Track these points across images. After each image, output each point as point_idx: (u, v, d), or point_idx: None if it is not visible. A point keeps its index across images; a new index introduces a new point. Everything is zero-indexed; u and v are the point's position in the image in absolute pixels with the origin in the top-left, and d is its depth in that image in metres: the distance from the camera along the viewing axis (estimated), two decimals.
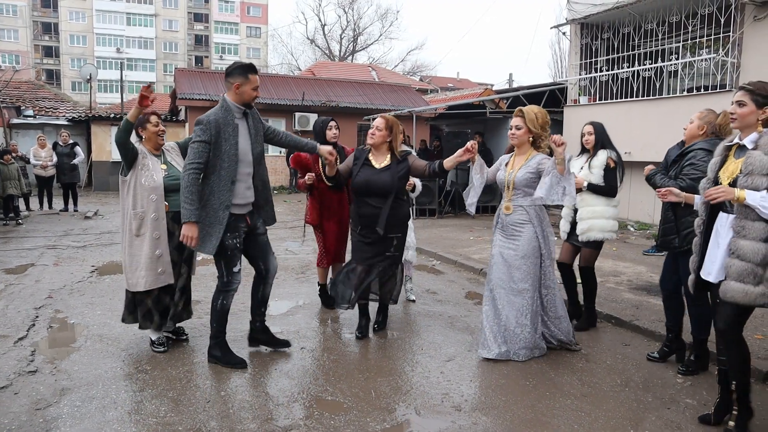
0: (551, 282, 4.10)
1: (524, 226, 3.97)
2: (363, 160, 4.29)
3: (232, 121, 3.63)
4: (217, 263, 3.77)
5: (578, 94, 12.46)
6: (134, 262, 3.90)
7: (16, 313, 4.92)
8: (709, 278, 2.96)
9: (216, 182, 3.59)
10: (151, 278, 3.90)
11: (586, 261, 4.63)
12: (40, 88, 24.44)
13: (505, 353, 3.96)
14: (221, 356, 3.82)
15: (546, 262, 4.04)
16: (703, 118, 3.75)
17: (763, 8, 9.04)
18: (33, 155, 12.00)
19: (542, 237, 4.00)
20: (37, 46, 56.81)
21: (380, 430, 3.02)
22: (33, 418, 3.06)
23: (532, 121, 3.96)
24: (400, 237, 4.34)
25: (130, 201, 3.89)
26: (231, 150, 3.61)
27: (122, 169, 3.93)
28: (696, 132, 3.78)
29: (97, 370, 3.71)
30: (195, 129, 3.59)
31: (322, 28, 47.75)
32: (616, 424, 3.11)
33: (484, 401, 3.38)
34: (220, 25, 63.48)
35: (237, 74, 3.61)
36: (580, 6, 11.70)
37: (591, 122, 4.62)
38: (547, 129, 4.04)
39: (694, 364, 3.83)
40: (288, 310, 5.17)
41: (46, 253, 7.66)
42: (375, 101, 19.81)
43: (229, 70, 3.66)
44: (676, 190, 3.39)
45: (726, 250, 2.84)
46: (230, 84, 3.63)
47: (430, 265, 7.32)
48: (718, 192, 2.73)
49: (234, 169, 3.63)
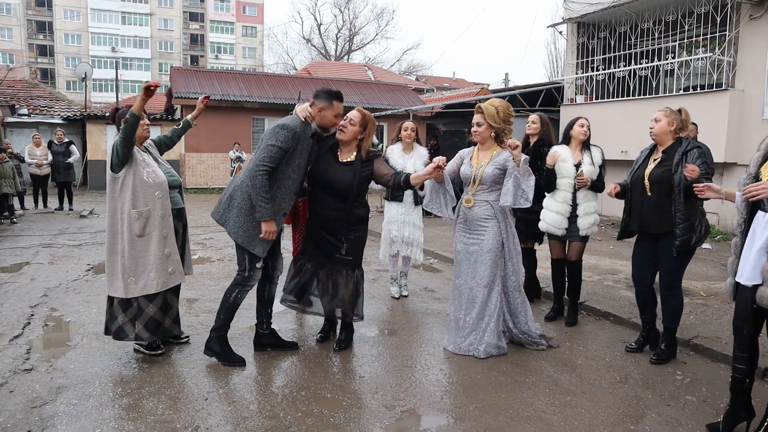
0: (517, 279, 4.09)
1: (489, 221, 3.97)
2: (329, 147, 3.92)
3: (308, 137, 3.72)
4: (241, 256, 3.74)
5: (575, 93, 12.48)
6: (140, 264, 3.62)
7: (12, 311, 4.88)
8: (740, 280, 2.79)
9: (279, 190, 3.67)
10: (162, 279, 3.67)
11: (578, 255, 4.68)
12: (35, 86, 24.29)
13: (466, 348, 3.98)
14: (220, 352, 3.77)
15: (510, 258, 4.04)
16: (670, 116, 3.85)
17: (759, 7, 9.07)
18: (28, 154, 11.92)
19: (506, 233, 4.00)
20: (31, 45, 56.53)
21: (379, 427, 3.01)
22: (29, 416, 3.03)
23: (492, 117, 3.93)
24: (353, 239, 3.89)
25: (128, 199, 3.59)
26: (302, 164, 3.73)
27: (112, 166, 3.62)
28: (667, 129, 3.86)
29: (93, 368, 3.68)
30: (279, 132, 3.58)
31: (318, 28, 47.74)
32: (616, 421, 3.11)
33: (483, 398, 3.36)
34: (216, 24, 63.30)
35: (323, 98, 3.75)
36: (576, 5, 11.71)
37: (583, 117, 4.72)
38: (510, 122, 4.02)
39: (665, 352, 3.98)
40: (284, 308, 5.13)
41: (42, 252, 7.61)
42: (371, 101, 19.78)
43: (317, 93, 3.80)
44: (716, 186, 3.13)
45: (759, 251, 2.68)
46: (315, 106, 3.73)
47: (428, 263, 7.31)
48: (759, 189, 2.58)
49: (300, 182, 3.78)
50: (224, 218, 3.73)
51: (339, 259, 3.90)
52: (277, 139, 3.57)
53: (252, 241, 3.65)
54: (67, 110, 20.16)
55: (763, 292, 2.64)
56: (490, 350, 3.95)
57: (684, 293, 3.97)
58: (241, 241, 3.66)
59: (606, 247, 8.13)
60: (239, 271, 3.79)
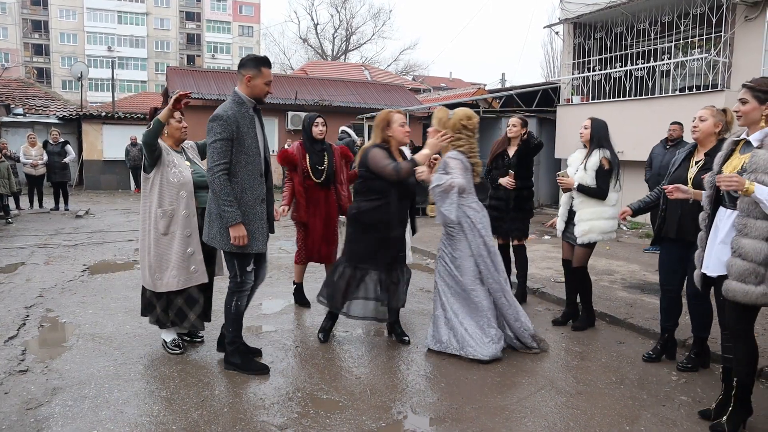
0: (502, 281, 4.07)
1: (459, 225, 4.02)
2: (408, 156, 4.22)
3: (248, 113, 3.50)
4: (230, 263, 3.60)
5: (571, 94, 12.50)
6: (163, 261, 3.75)
7: (7, 312, 4.86)
8: (705, 271, 3.00)
9: (246, 178, 3.46)
10: (183, 277, 3.75)
11: (580, 261, 4.56)
12: (30, 86, 24.19)
13: (454, 347, 3.97)
14: (241, 363, 3.66)
15: (488, 261, 4.01)
16: (716, 116, 3.61)
17: (754, 8, 9.11)
18: (23, 154, 11.88)
19: (480, 236, 4.00)
20: (26, 44, 56.31)
21: (376, 428, 3.01)
22: (24, 417, 3.02)
23: (440, 122, 4.07)
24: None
25: (156, 198, 3.73)
26: (253, 143, 3.49)
27: (144, 167, 3.78)
28: (712, 130, 3.60)
29: (89, 369, 3.67)
30: (213, 127, 3.39)
31: (315, 28, 47.68)
32: (612, 421, 3.11)
33: (479, 399, 3.37)
34: (212, 23, 63.19)
35: (250, 66, 3.48)
36: (573, 5, 11.74)
37: (592, 117, 4.54)
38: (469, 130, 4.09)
39: (695, 361, 3.83)
40: (282, 309, 5.14)
41: (37, 252, 7.59)
42: (368, 100, 19.78)
43: (243, 61, 3.54)
44: (683, 186, 3.33)
45: (722, 244, 2.86)
46: (242, 76, 3.49)
47: (424, 264, 7.31)
48: (731, 179, 2.68)
49: (260, 161, 3.53)
50: (210, 237, 3.55)
51: (401, 257, 4.22)
52: (215, 133, 3.38)
53: (249, 244, 3.53)
54: (62, 110, 20.10)
55: (728, 285, 2.79)
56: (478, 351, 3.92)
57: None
58: (225, 246, 3.49)
59: (602, 248, 8.14)
60: (231, 279, 3.64)
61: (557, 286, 5.79)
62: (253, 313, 4.93)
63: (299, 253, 5.06)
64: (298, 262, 5.11)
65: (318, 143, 4.92)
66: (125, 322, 4.61)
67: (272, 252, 7.83)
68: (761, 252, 2.68)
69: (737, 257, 2.75)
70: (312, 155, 4.87)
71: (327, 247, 5.01)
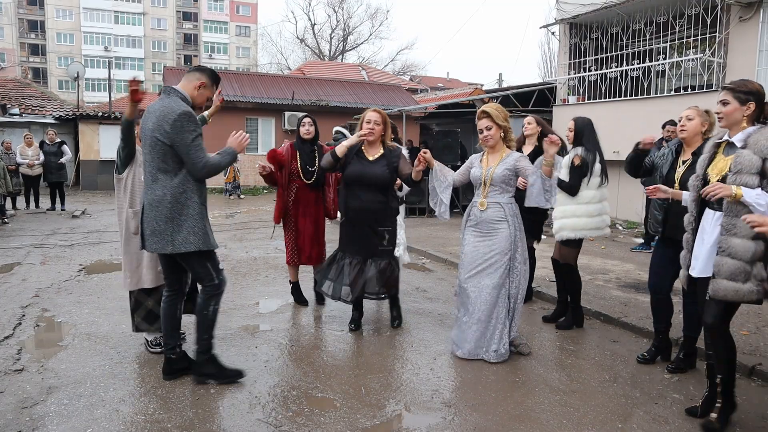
0: (517, 287, 3.98)
1: (500, 223, 3.94)
2: (355, 152, 4.30)
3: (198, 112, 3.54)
4: (204, 267, 3.39)
5: (567, 94, 12.53)
6: (134, 260, 3.81)
7: (2, 311, 4.86)
8: (692, 273, 3.04)
9: (195, 181, 3.32)
10: (152, 275, 3.79)
11: (564, 258, 4.64)
12: (27, 86, 24.15)
13: (475, 352, 3.93)
14: (216, 373, 3.50)
15: (517, 264, 3.95)
16: (702, 115, 3.65)
17: (749, 9, 9.15)
18: (19, 154, 11.85)
19: (517, 236, 3.95)
20: (23, 44, 56.18)
21: (370, 426, 3.03)
22: (19, 416, 3.03)
23: (498, 117, 3.96)
24: (391, 230, 4.37)
25: (128, 199, 3.78)
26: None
27: (117, 167, 3.80)
28: (699, 129, 3.63)
29: (84, 368, 3.68)
30: (186, 124, 3.18)
31: (312, 28, 47.72)
32: (605, 419, 3.14)
33: (473, 397, 3.39)
34: (210, 24, 63.13)
35: (208, 76, 3.45)
36: (568, 6, 11.77)
37: (575, 117, 4.58)
38: (509, 121, 4.07)
39: (684, 362, 3.84)
40: (278, 308, 5.16)
41: (33, 252, 7.58)
42: (365, 100, 19.80)
43: (202, 68, 3.50)
44: (664, 186, 3.40)
45: (712, 247, 2.89)
46: (195, 79, 3.40)
47: (419, 264, 7.33)
48: (718, 190, 2.73)
49: None
50: (180, 242, 3.27)
51: (382, 251, 4.34)
52: (192, 130, 3.21)
53: (207, 237, 3.35)
54: (59, 110, 20.08)
55: (718, 284, 2.82)
56: (500, 356, 3.90)
57: (673, 293, 3.94)
58: (202, 244, 3.30)
59: (597, 247, 8.18)
60: (207, 283, 3.43)
61: (552, 285, 5.81)
62: (249, 312, 4.96)
63: (292, 255, 5.07)
64: (289, 263, 5.14)
65: (308, 144, 4.94)
66: (121, 321, 4.62)
67: (268, 252, 7.86)
68: (749, 250, 2.73)
69: (726, 256, 2.78)
70: (303, 156, 4.90)
71: (318, 248, 5.03)
